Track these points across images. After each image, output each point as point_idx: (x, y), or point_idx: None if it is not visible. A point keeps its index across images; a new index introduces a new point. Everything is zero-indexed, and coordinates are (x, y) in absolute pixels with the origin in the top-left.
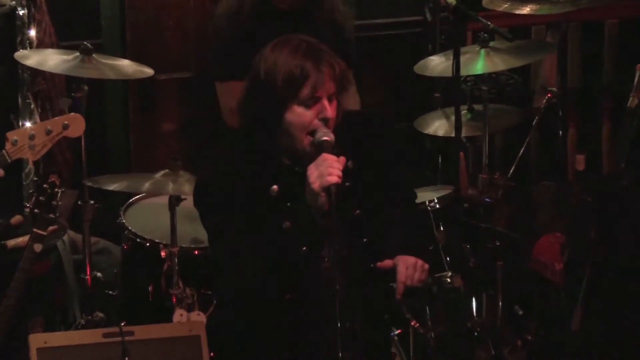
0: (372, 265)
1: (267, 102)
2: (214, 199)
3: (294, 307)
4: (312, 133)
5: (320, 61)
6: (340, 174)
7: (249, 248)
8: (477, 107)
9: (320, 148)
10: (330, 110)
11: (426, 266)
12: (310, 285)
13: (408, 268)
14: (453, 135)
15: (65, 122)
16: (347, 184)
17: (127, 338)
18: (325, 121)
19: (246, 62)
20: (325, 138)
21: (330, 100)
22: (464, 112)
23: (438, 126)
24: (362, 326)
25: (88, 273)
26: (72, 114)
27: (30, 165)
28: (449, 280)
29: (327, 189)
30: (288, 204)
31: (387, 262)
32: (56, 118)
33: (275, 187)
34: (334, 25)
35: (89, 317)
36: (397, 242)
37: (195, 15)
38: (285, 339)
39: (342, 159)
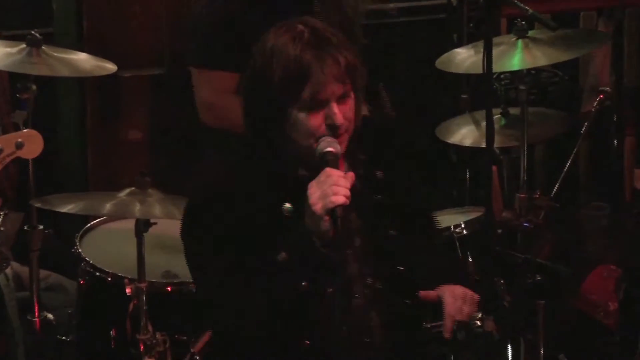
0: (405, 302)
1: (266, 103)
2: (213, 226)
3: (306, 355)
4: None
5: (325, 55)
6: (347, 193)
7: (241, 286)
8: (513, 111)
9: (323, 161)
10: (340, 115)
11: (476, 297)
12: (320, 329)
13: (456, 300)
14: (484, 145)
15: (19, 140)
16: (377, 197)
17: None
18: (333, 129)
19: (232, 48)
20: (329, 149)
21: (341, 101)
22: (496, 117)
23: (465, 134)
24: None
25: (36, 314)
26: (28, 130)
27: None
28: (479, 323)
29: (331, 211)
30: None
31: (431, 294)
32: (8, 135)
33: (287, 205)
34: (340, 9)
35: None
36: (437, 270)
37: None
38: None
39: (350, 174)
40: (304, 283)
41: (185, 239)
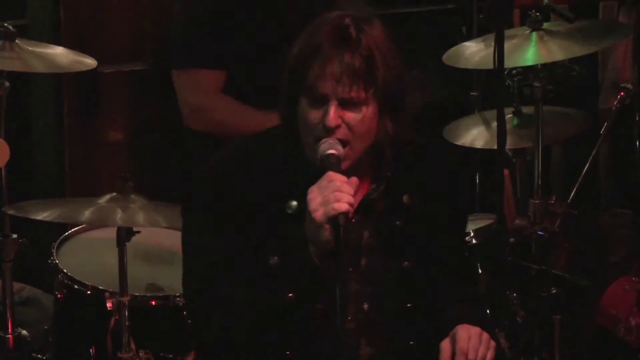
0: (411, 343)
1: (285, 88)
2: (213, 206)
3: None
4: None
5: (349, 46)
6: (351, 200)
7: (228, 282)
8: (527, 109)
9: (325, 164)
10: (333, 118)
11: (493, 343)
12: (303, 345)
13: (471, 338)
14: (495, 147)
15: None
16: (397, 222)
17: None
18: (326, 130)
19: (215, 44)
20: (331, 151)
21: (349, 106)
22: (509, 116)
23: (475, 135)
24: None
25: (10, 331)
26: None
27: None
28: None
29: (333, 219)
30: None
31: (445, 343)
32: None
33: (294, 202)
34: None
35: None
36: (452, 313)
37: None
38: None
39: (354, 180)
40: (290, 294)
41: (185, 215)
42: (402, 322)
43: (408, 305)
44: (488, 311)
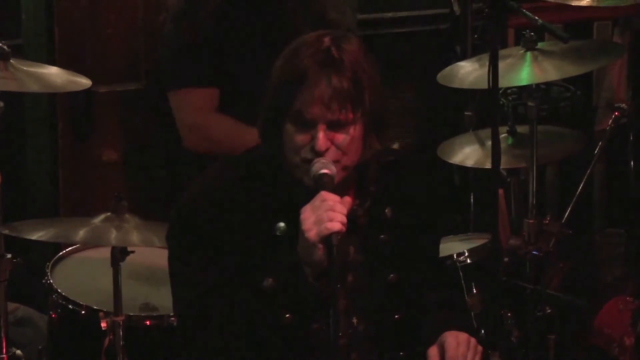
0: (401, 353)
1: (268, 105)
2: (195, 234)
3: None
4: (309, 162)
5: (334, 68)
6: (344, 219)
7: (220, 306)
8: (522, 129)
9: (318, 184)
10: (323, 141)
11: (480, 348)
12: None
13: (460, 345)
14: (489, 166)
15: None
16: (382, 236)
17: None
18: (316, 154)
19: (208, 64)
20: (324, 171)
21: (337, 128)
22: (503, 135)
23: (469, 154)
24: None
25: (4, 351)
26: None
27: None
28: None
29: (326, 239)
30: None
31: (433, 350)
32: None
33: (282, 224)
34: (324, 23)
35: None
36: (439, 322)
37: (146, 5)
38: None
39: (347, 199)
40: (287, 315)
41: (171, 243)
42: (391, 334)
43: (396, 316)
44: (483, 332)
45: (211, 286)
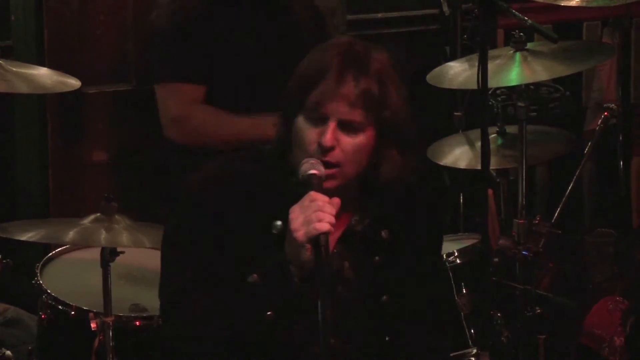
0: None
1: (285, 106)
2: (199, 220)
3: None
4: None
5: (353, 68)
6: (333, 220)
7: (203, 300)
8: (511, 129)
9: (307, 184)
10: (331, 138)
11: None
12: None
13: None
14: (479, 167)
15: None
16: (376, 258)
17: None
18: (321, 150)
19: (196, 60)
20: (312, 171)
21: (348, 130)
22: (493, 136)
23: (459, 155)
24: None
25: None
26: None
27: None
28: (473, 359)
29: (314, 239)
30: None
31: None
32: None
33: (279, 222)
34: (314, 21)
35: None
36: (428, 350)
37: (135, 5)
38: None
39: (336, 200)
40: (269, 313)
41: (167, 227)
42: (381, 356)
43: (387, 339)
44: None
45: (198, 277)
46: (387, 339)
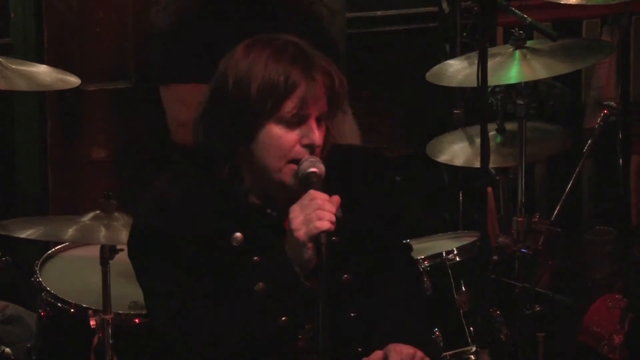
0: (359, 349)
1: (235, 120)
2: (156, 249)
3: None
4: (296, 162)
5: (313, 68)
6: (333, 218)
7: (208, 318)
8: (510, 127)
9: (306, 183)
10: (318, 135)
11: (427, 359)
12: None
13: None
14: (478, 165)
15: None
16: (333, 238)
17: None
18: (310, 148)
19: (199, 59)
20: (313, 169)
21: (319, 122)
22: (492, 133)
23: (458, 152)
24: None
25: None
26: None
27: None
28: (472, 357)
29: (316, 238)
30: (255, 258)
31: (377, 355)
32: None
33: (238, 234)
34: (314, 20)
35: None
36: (390, 324)
37: (135, 2)
38: None
39: (336, 198)
40: (283, 318)
41: (132, 260)
42: (348, 332)
43: (352, 315)
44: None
45: (190, 298)
46: (352, 315)
